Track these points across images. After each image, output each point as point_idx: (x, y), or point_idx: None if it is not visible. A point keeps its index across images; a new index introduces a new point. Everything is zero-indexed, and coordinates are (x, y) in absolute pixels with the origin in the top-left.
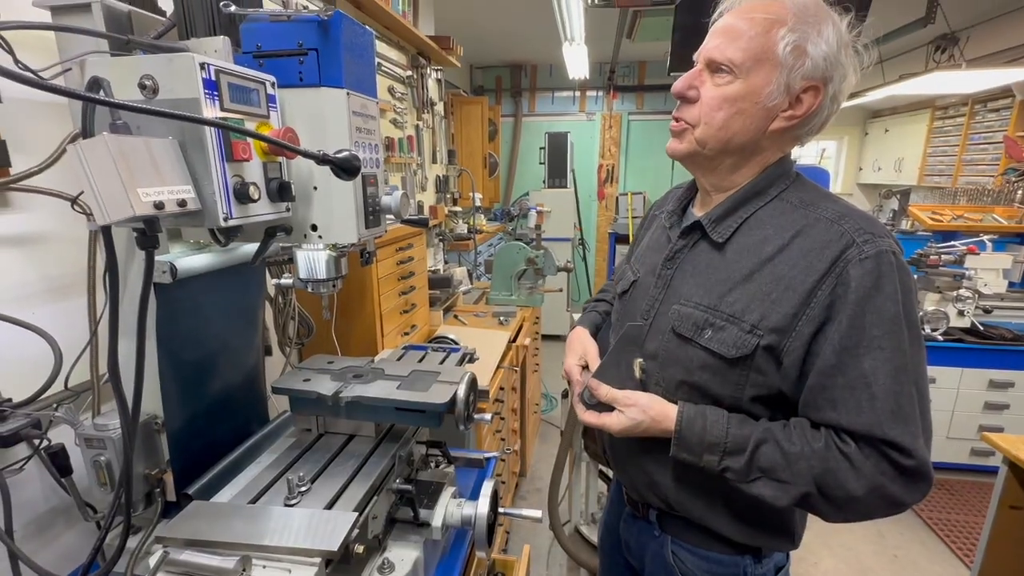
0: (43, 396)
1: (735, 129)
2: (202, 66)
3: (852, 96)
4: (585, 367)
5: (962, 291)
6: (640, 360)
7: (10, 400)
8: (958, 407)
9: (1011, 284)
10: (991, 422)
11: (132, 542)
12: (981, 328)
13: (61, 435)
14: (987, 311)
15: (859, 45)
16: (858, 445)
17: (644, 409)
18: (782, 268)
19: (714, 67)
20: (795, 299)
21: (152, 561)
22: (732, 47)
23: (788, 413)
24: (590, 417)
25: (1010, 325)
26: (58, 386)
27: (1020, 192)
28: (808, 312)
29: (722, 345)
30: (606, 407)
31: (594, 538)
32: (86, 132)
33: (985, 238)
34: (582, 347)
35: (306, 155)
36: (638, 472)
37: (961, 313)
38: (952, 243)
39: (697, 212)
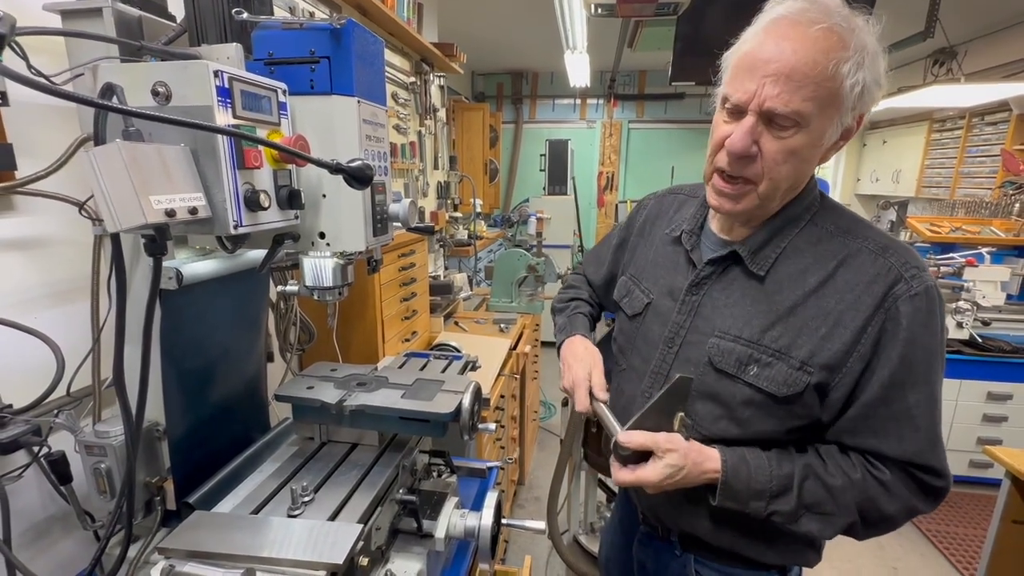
0: (44, 402)
1: (798, 176)
2: (216, 73)
3: None
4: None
5: (961, 303)
6: (682, 415)
7: (10, 406)
8: (957, 419)
9: (1009, 297)
10: (989, 434)
11: (132, 551)
12: (980, 340)
13: (61, 442)
14: (985, 323)
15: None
16: (892, 471)
17: (684, 454)
18: (828, 302)
19: (772, 116)
20: (847, 336)
21: (155, 572)
22: (797, 96)
23: (816, 436)
24: (625, 475)
25: (1008, 337)
26: (59, 392)
27: (1018, 205)
28: (859, 349)
29: (771, 383)
30: (641, 458)
31: (593, 548)
32: (98, 139)
33: (983, 250)
34: (591, 359)
35: (320, 164)
36: (662, 501)
37: (960, 325)
38: (951, 255)
39: (717, 231)
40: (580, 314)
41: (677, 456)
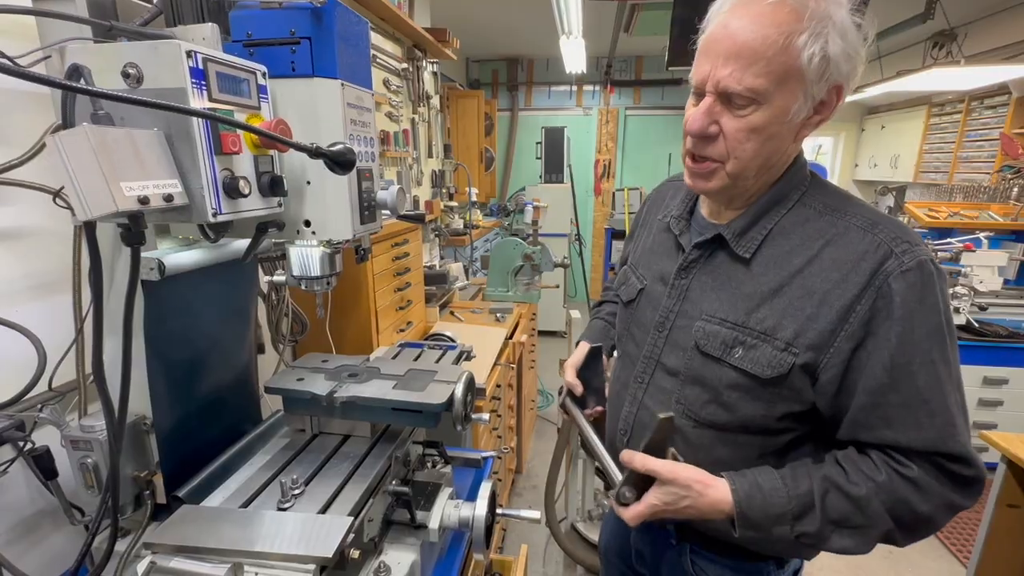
0: (27, 397)
1: (767, 153)
2: (189, 54)
3: None
4: (572, 397)
5: (958, 288)
6: (673, 450)
7: None
8: None
9: (1006, 281)
10: (985, 419)
11: (121, 545)
12: (976, 325)
13: (46, 436)
14: (982, 308)
15: (860, 20)
16: (919, 465)
17: (689, 483)
18: (813, 281)
19: (728, 95)
20: (832, 315)
21: (140, 569)
22: (749, 73)
23: (817, 425)
24: (632, 512)
25: (1004, 322)
26: (42, 386)
27: (1016, 189)
28: (847, 328)
29: (755, 365)
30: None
31: (591, 535)
32: (66, 123)
33: (981, 235)
34: (573, 361)
35: (298, 148)
36: None
37: (956, 310)
38: (948, 240)
39: (707, 215)
40: (597, 319)
41: (677, 487)
